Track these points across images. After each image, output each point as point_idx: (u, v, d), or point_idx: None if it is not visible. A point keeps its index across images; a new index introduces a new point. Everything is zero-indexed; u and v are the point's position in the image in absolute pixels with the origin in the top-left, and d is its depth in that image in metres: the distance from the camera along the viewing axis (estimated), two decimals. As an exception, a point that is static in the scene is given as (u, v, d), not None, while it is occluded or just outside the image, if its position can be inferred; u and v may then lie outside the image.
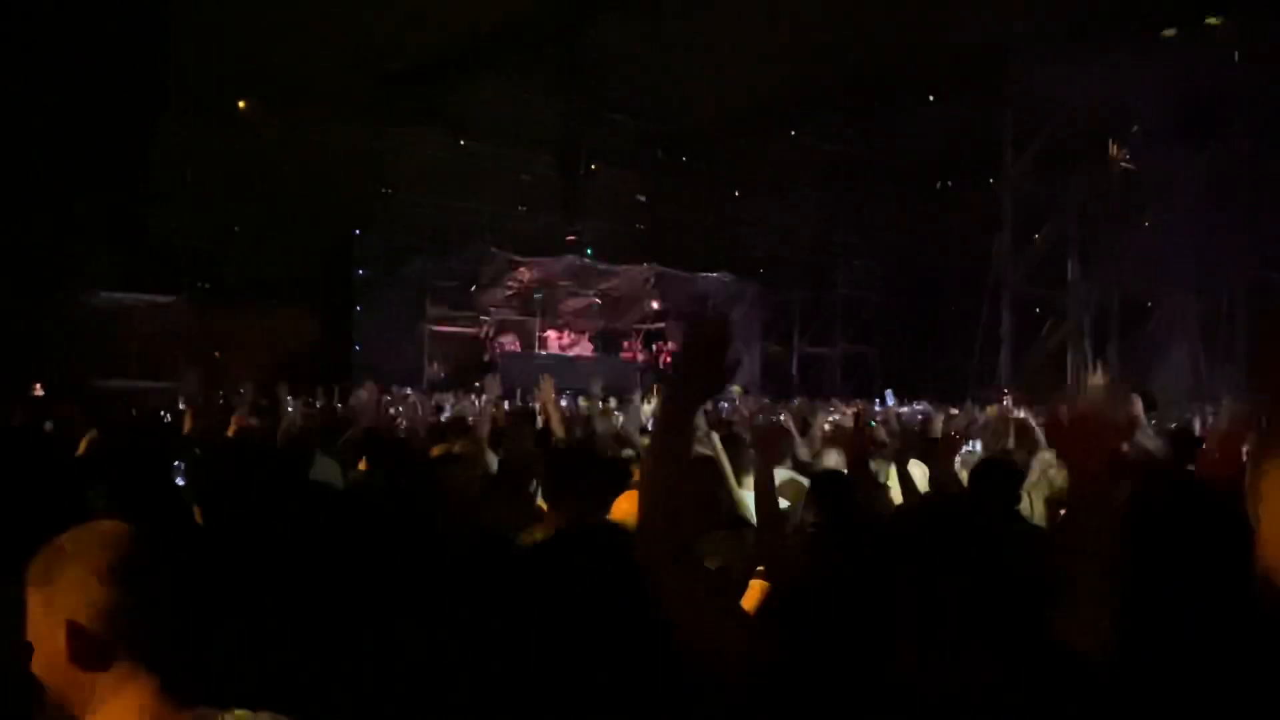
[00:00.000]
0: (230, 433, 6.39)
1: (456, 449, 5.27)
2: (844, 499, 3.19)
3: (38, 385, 12.42)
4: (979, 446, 6.85)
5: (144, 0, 16.56)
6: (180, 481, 5.65)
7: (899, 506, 3.33)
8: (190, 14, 16.63)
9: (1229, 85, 14.39)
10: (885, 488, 4.05)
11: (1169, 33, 14.20)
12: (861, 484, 3.42)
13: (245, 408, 6.62)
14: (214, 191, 18.28)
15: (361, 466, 5.01)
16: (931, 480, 3.91)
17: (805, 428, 7.06)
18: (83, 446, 5.08)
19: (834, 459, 4.96)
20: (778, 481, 3.24)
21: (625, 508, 3.10)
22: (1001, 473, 3.68)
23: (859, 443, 3.60)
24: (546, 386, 7.00)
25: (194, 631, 1.55)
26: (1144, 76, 14.50)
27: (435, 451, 5.57)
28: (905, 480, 3.79)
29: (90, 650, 1.43)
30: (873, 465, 4.20)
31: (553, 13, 17.87)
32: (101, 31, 16.43)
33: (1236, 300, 14.34)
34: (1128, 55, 14.79)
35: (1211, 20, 13.44)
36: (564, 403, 10.09)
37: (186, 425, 6.12)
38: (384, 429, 6.45)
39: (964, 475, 4.05)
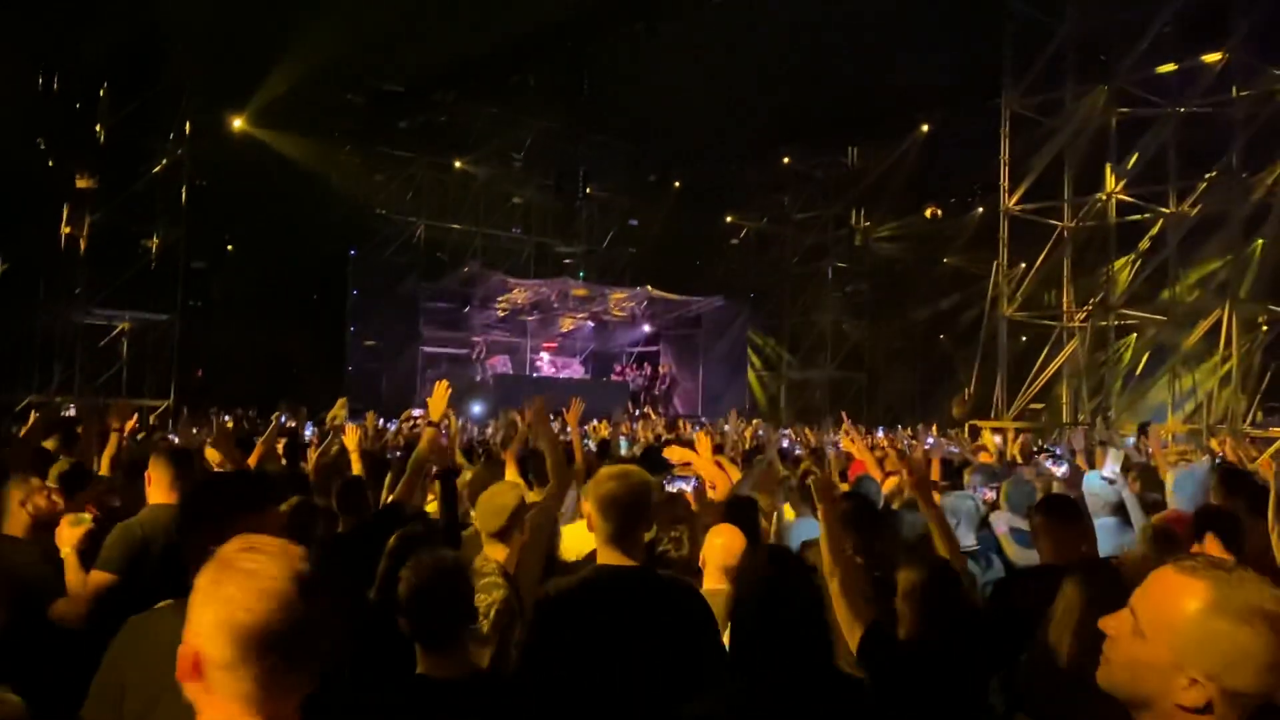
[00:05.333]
0: (253, 460, 6.27)
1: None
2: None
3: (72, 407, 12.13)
4: None
5: (140, 18, 16.47)
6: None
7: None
8: (185, 32, 16.55)
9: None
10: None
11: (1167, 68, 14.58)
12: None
13: (270, 434, 6.53)
14: (207, 210, 18.12)
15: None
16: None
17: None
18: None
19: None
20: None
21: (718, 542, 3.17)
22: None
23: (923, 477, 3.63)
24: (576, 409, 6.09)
25: None
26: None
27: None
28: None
29: None
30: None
31: (546, 37, 17.94)
32: (97, 48, 16.34)
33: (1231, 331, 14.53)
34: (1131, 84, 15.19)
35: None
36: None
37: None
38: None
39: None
